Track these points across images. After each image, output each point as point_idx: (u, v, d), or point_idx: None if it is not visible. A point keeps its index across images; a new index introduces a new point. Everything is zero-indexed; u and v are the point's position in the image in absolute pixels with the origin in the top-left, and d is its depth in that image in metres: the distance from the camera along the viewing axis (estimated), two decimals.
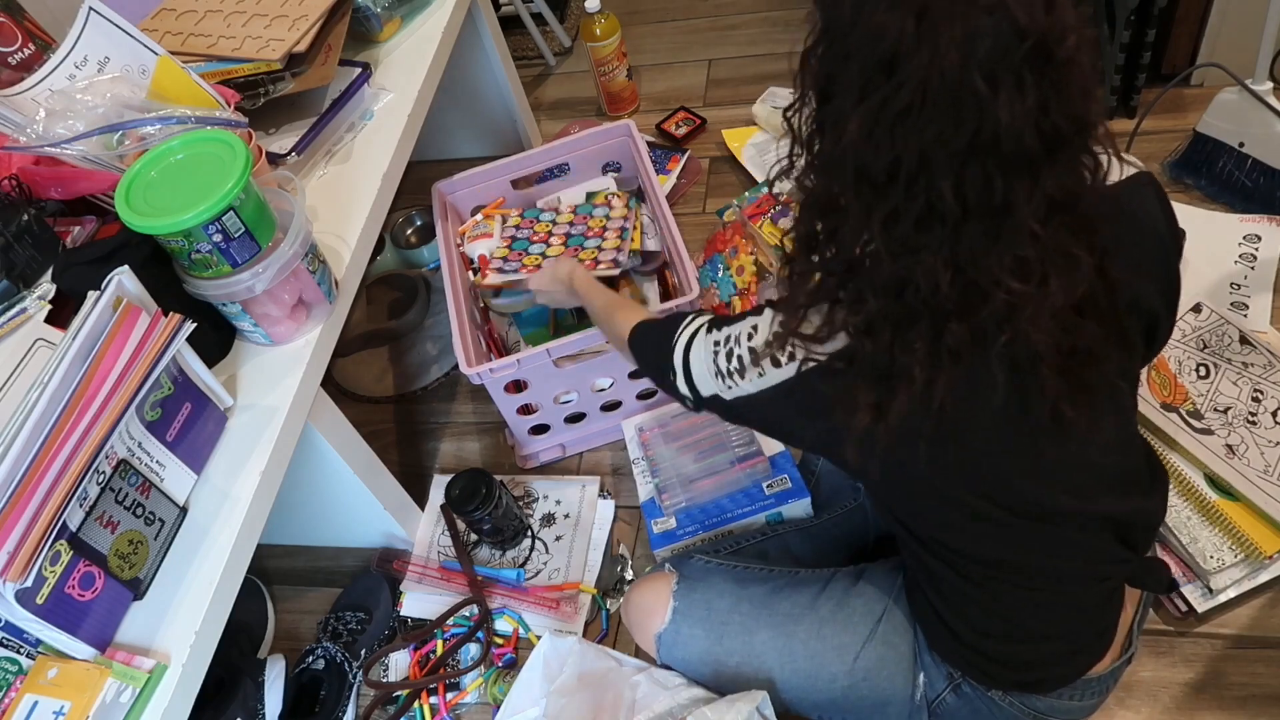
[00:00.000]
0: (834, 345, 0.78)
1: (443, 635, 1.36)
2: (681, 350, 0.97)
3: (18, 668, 0.87)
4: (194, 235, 0.96)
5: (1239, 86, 1.48)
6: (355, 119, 1.37)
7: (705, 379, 0.94)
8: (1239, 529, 1.19)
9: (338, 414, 1.22)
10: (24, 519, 0.80)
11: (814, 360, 0.80)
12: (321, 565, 1.50)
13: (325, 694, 1.32)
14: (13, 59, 1.24)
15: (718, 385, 0.92)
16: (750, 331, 0.88)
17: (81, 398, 0.87)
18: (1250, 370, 1.33)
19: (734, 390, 0.90)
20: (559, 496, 1.48)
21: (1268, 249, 1.50)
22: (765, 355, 0.85)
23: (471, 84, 1.86)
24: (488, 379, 1.34)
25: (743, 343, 0.88)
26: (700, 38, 2.23)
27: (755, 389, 0.88)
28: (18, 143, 1.08)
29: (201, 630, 0.91)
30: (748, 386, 0.88)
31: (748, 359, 0.87)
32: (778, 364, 0.84)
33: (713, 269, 1.62)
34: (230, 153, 0.99)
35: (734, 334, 0.90)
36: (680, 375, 0.97)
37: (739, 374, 0.89)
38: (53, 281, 1.03)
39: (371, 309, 1.81)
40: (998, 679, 0.95)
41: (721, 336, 0.92)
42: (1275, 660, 1.15)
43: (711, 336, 0.93)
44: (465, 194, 1.63)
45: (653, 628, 1.12)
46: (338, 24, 1.36)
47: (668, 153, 1.94)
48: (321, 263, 1.11)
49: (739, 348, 0.89)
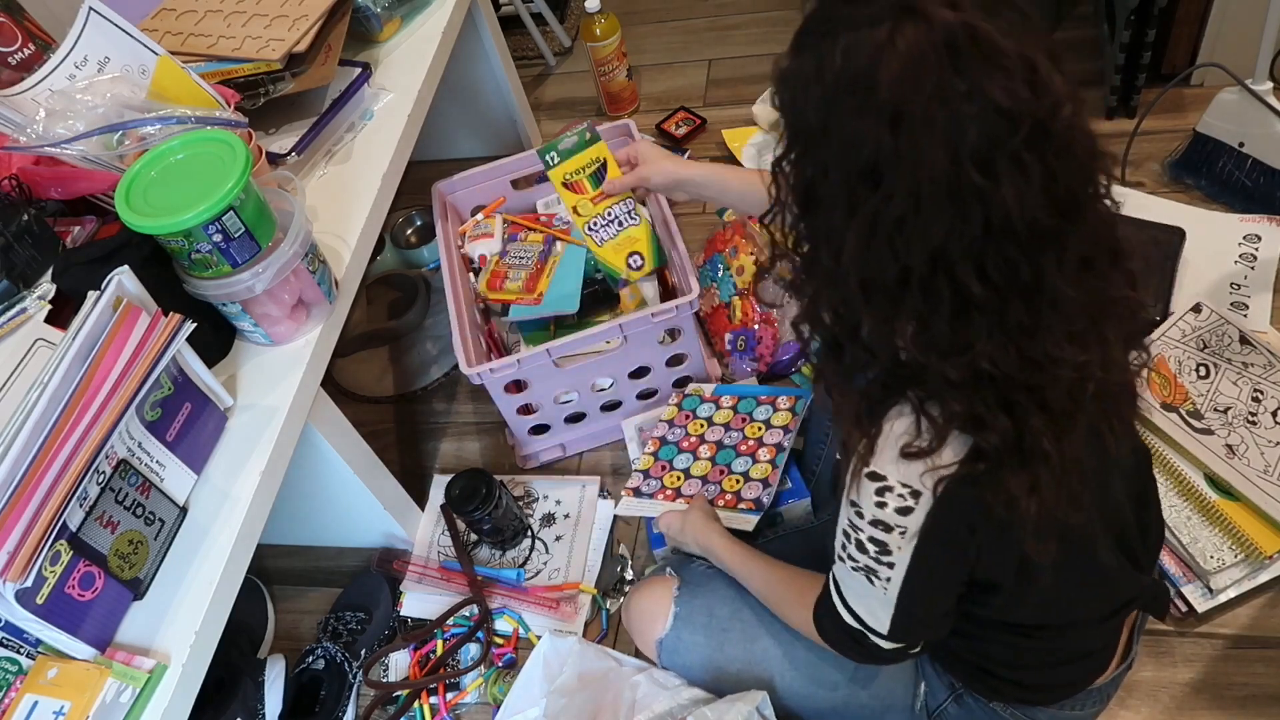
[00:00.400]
0: (952, 451, 0.70)
1: (443, 635, 1.36)
2: (839, 602, 0.85)
3: (18, 668, 0.87)
4: (194, 235, 0.96)
5: (1239, 86, 1.48)
6: (355, 119, 1.37)
7: (870, 606, 0.81)
8: (1239, 529, 1.19)
9: (338, 414, 1.22)
10: (24, 519, 0.80)
11: (942, 475, 0.70)
12: (321, 565, 1.50)
13: (325, 694, 1.32)
14: (13, 59, 1.24)
15: (878, 593, 0.79)
16: (854, 513, 0.76)
17: (81, 398, 0.87)
18: (1250, 370, 1.33)
19: (891, 580, 0.77)
20: (559, 496, 1.48)
21: (1268, 249, 1.50)
22: (889, 509, 0.73)
23: (471, 84, 1.86)
24: (488, 379, 1.34)
25: (862, 524, 0.76)
26: (700, 38, 2.23)
27: (908, 554, 0.75)
28: (18, 143, 1.08)
29: (201, 630, 0.91)
30: (901, 559, 0.76)
31: (877, 529, 0.75)
32: (907, 510, 0.73)
33: (713, 269, 1.62)
34: (230, 153, 0.99)
35: (846, 527, 0.79)
36: (861, 627, 0.84)
37: (883, 552, 0.76)
38: (53, 281, 1.03)
39: (371, 309, 1.81)
40: (1004, 694, 0.95)
41: (839, 546, 0.81)
42: (1275, 660, 1.15)
43: (837, 561, 0.83)
44: (465, 194, 1.63)
45: (654, 633, 1.12)
46: (338, 24, 1.36)
47: None
48: (321, 263, 1.11)
49: (861, 531, 0.77)
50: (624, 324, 1.34)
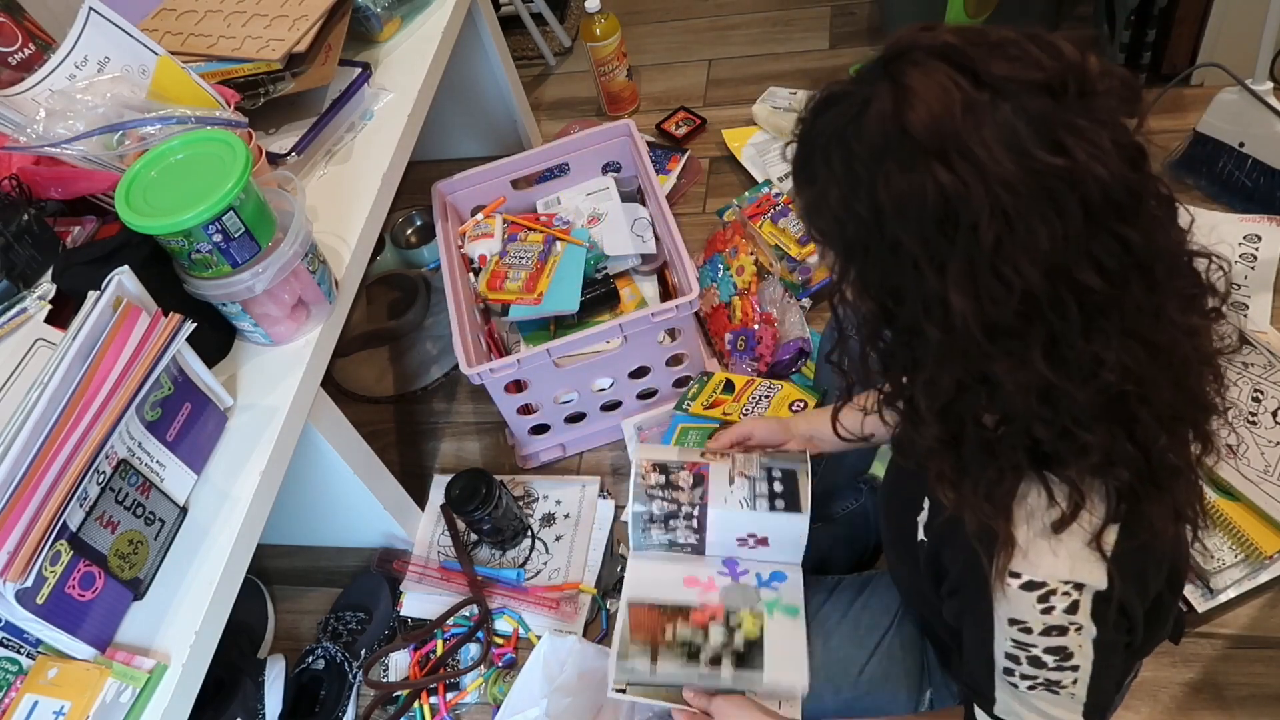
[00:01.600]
0: (1099, 509, 0.65)
1: (443, 635, 1.36)
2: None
3: (18, 668, 0.87)
4: (194, 235, 0.96)
5: (1239, 86, 1.48)
6: (355, 119, 1.37)
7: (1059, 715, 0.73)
8: (1239, 529, 1.19)
9: (338, 414, 1.22)
10: (24, 519, 0.80)
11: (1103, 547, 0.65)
12: (321, 565, 1.50)
13: (325, 694, 1.32)
14: (13, 59, 1.24)
15: (1064, 700, 0.71)
16: (1018, 630, 0.69)
17: (81, 398, 0.87)
18: (1250, 370, 1.33)
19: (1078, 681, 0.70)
20: (559, 496, 1.48)
21: (1268, 249, 1.50)
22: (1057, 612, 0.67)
23: (471, 84, 1.86)
24: (488, 379, 1.34)
25: (1032, 638, 0.69)
26: (700, 38, 2.23)
27: (1090, 648, 0.68)
28: (18, 143, 1.08)
29: (201, 630, 0.91)
30: (1084, 656, 0.69)
31: (1051, 637, 0.68)
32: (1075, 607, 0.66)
33: (713, 269, 1.62)
34: (230, 153, 0.99)
35: (1010, 649, 0.71)
36: None
37: (1064, 658, 0.69)
38: (53, 281, 1.03)
39: (371, 309, 1.81)
40: None
41: (1001, 672, 0.73)
42: (1275, 660, 1.15)
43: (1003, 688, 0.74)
44: (465, 194, 1.63)
45: None
46: (338, 24, 1.36)
47: (668, 153, 1.94)
48: (321, 263, 1.11)
49: (1033, 647, 0.69)
50: (624, 324, 1.34)
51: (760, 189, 1.78)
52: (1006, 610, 0.69)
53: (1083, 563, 0.66)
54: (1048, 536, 0.66)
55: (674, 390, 1.51)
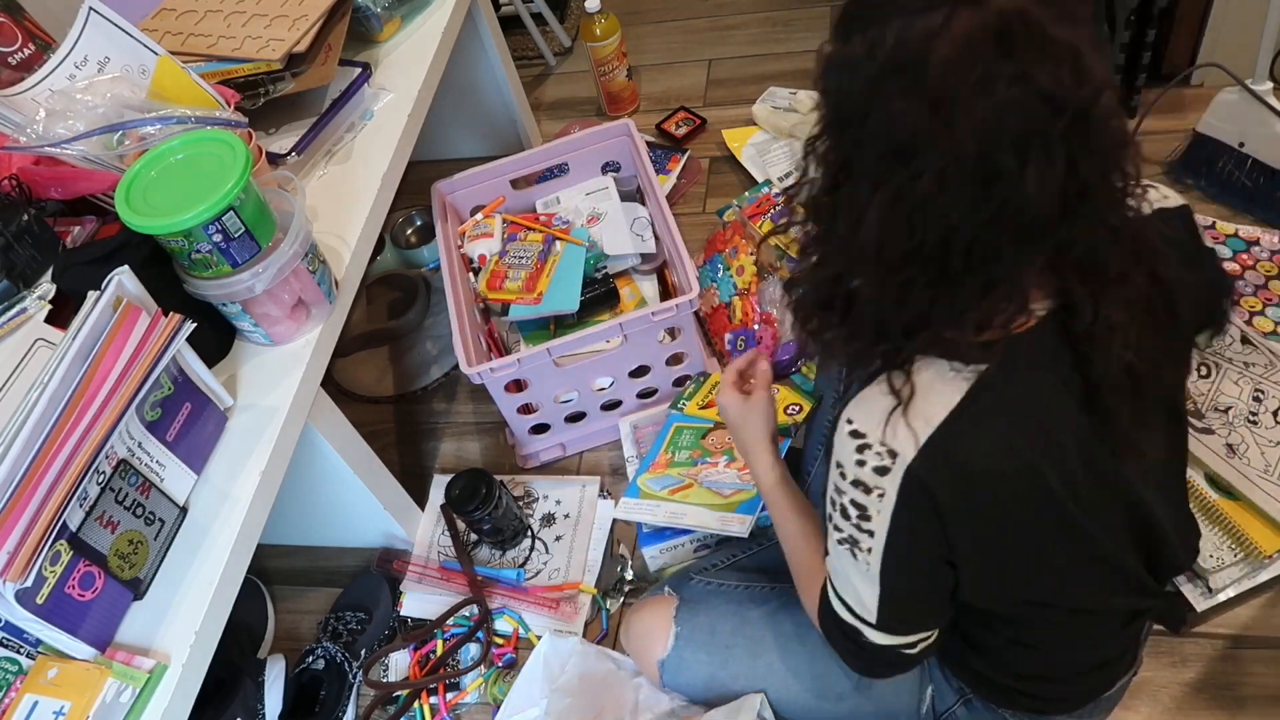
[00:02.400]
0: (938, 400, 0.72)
1: (443, 635, 1.36)
2: (833, 594, 0.84)
3: (18, 668, 0.87)
4: (194, 235, 0.96)
5: (1239, 86, 1.48)
6: (355, 119, 1.37)
7: (857, 588, 0.80)
8: (1239, 528, 1.19)
9: (338, 414, 1.22)
10: (24, 519, 0.80)
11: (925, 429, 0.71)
12: (321, 565, 1.50)
13: (325, 694, 1.32)
14: (13, 59, 1.24)
15: (861, 569, 0.78)
16: (837, 474, 0.76)
17: (81, 398, 0.87)
18: (1251, 370, 1.33)
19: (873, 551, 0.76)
20: (559, 496, 1.48)
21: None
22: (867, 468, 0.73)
23: (471, 84, 1.86)
24: (488, 378, 1.34)
25: (845, 485, 0.76)
26: (700, 38, 2.23)
27: (886, 520, 0.74)
28: (18, 143, 1.08)
29: (201, 630, 0.91)
30: (880, 526, 0.75)
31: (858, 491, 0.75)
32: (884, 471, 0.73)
33: (713, 269, 1.62)
34: (230, 153, 0.99)
35: (832, 491, 0.78)
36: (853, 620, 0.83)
37: (863, 518, 0.75)
38: (53, 281, 1.03)
39: (371, 309, 1.81)
40: (1017, 703, 0.95)
41: (825, 514, 0.81)
42: (1275, 660, 1.15)
43: (829, 535, 0.81)
44: (465, 194, 1.63)
45: (655, 654, 1.11)
46: (338, 24, 1.36)
47: (668, 153, 1.94)
48: (321, 263, 1.11)
49: (844, 493, 0.76)
50: (624, 323, 1.34)
51: (760, 189, 1.78)
52: (836, 450, 0.76)
53: (900, 430, 0.71)
54: (887, 399, 0.72)
55: (674, 390, 1.51)
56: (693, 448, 1.36)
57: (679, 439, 1.38)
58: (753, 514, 1.21)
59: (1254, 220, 1.55)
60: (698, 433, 1.38)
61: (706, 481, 1.30)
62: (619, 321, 1.34)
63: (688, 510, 1.26)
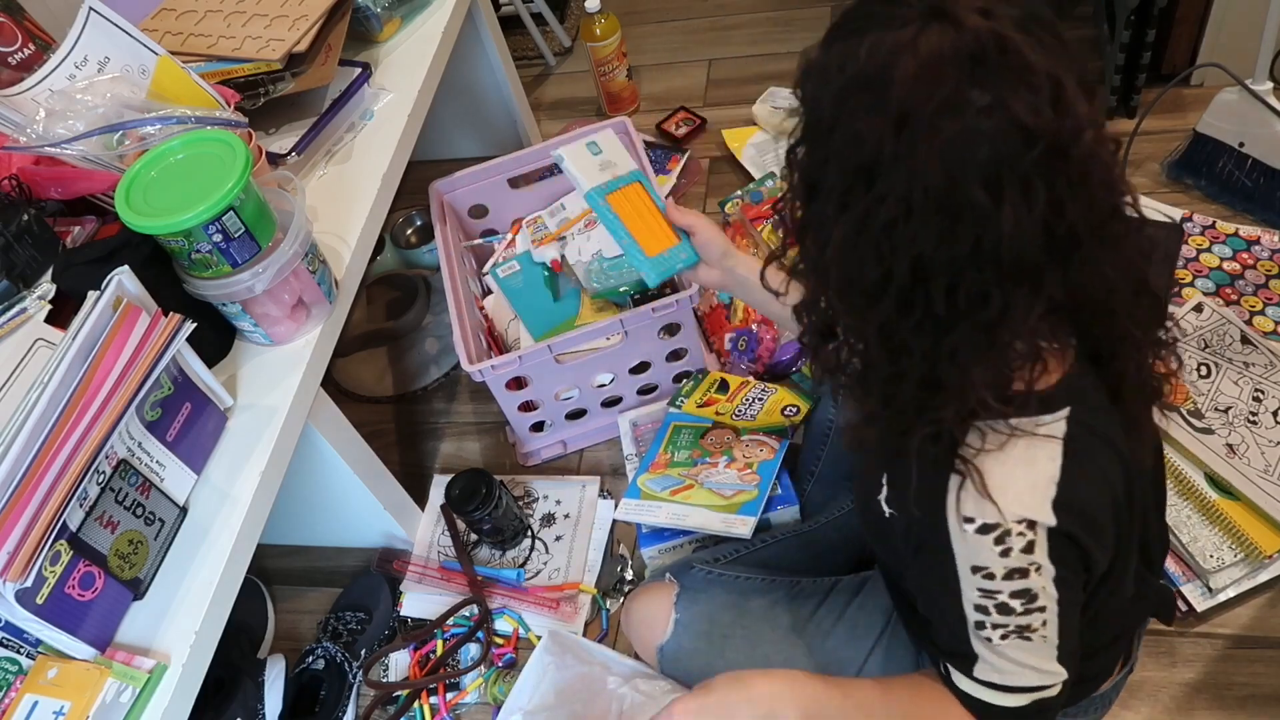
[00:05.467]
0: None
1: (443, 635, 1.36)
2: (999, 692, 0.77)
3: (18, 668, 0.87)
4: (194, 235, 0.96)
5: (1239, 86, 1.48)
6: (355, 119, 1.37)
7: (1036, 661, 0.75)
8: (1239, 528, 1.19)
9: (338, 414, 1.22)
10: (24, 519, 0.80)
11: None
12: (321, 565, 1.50)
13: (325, 694, 1.32)
14: (13, 59, 1.24)
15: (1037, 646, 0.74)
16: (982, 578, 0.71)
17: (81, 398, 0.87)
18: (1251, 370, 1.33)
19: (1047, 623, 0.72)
20: (559, 496, 1.48)
21: None
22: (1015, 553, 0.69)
23: (471, 84, 1.86)
24: (489, 375, 1.34)
25: (995, 584, 0.71)
26: (700, 38, 2.23)
27: (1053, 587, 0.71)
28: (18, 143, 1.08)
29: (201, 630, 0.91)
30: (1049, 597, 0.71)
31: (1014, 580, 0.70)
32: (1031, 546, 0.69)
33: None
34: (230, 153, 0.99)
35: (977, 600, 0.73)
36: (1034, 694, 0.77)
37: (1030, 600, 0.71)
38: (53, 281, 1.03)
39: (371, 309, 1.81)
40: None
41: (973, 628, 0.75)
42: (1275, 660, 1.15)
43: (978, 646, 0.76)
44: (463, 193, 1.63)
45: (654, 640, 1.11)
46: (338, 24, 1.36)
47: (668, 153, 1.94)
48: (321, 263, 1.11)
49: (999, 594, 0.71)
50: (624, 319, 1.34)
51: (764, 182, 1.78)
52: (967, 558, 0.71)
53: (1029, 501, 0.68)
54: (990, 480, 0.68)
55: (675, 386, 1.51)
56: (692, 447, 1.36)
57: (678, 438, 1.38)
58: (755, 515, 1.21)
59: (1254, 220, 1.55)
60: (696, 432, 1.38)
61: (708, 482, 1.30)
62: (620, 317, 1.34)
63: (690, 512, 1.26)
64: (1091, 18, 1.92)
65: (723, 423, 1.38)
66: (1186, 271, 1.48)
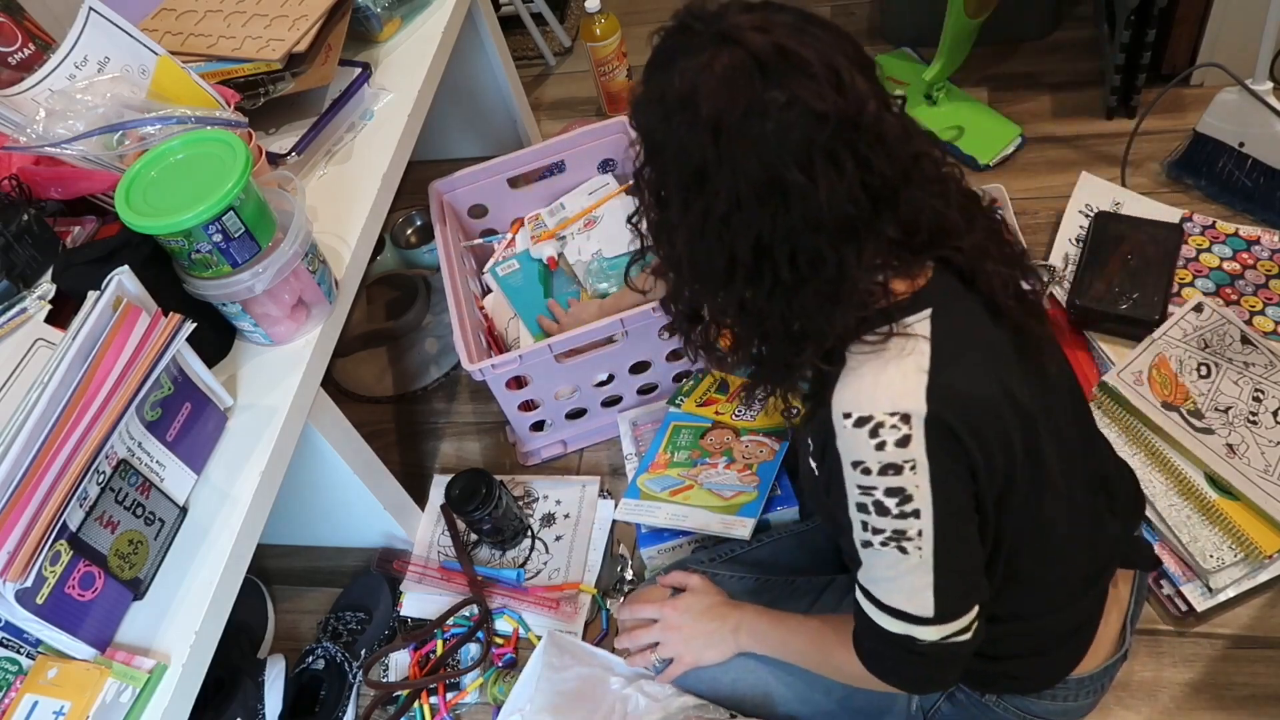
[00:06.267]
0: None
1: (443, 635, 1.36)
2: (875, 608, 0.82)
3: (18, 668, 0.87)
4: (194, 235, 0.96)
5: (1239, 86, 1.48)
6: (355, 119, 1.37)
7: (908, 587, 0.79)
8: (1239, 528, 1.19)
9: (338, 414, 1.22)
10: (24, 519, 0.80)
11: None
12: (321, 565, 1.50)
13: (325, 694, 1.32)
14: (13, 59, 1.24)
15: (913, 563, 0.77)
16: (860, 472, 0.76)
17: (81, 398, 0.87)
18: (1251, 370, 1.33)
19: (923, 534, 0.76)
20: (559, 496, 1.48)
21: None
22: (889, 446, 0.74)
23: (471, 84, 1.86)
24: (489, 375, 1.34)
25: (872, 479, 0.76)
26: None
27: (928, 490, 0.75)
28: (18, 143, 1.08)
29: (201, 630, 0.91)
30: (923, 499, 0.75)
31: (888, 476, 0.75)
32: (906, 440, 0.73)
33: None
34: (230, 153, 0.99)
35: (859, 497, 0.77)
36: (905, 624, 0.81)
37: (904, 501, 0.75)
38: (53, 281, 1.03)
39: (371, 309, 1.81)
40: (995, 686, 0.95)
41: (859, 526, 0.79)
42: (1275, 660, 1.15)
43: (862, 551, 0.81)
44: (463, 193, 1.63)
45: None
46: (338, 24, 1.36)
47: None
48: (321, 263, 1.11)
49: (875, 489, 0.76)
50: (624, 319, 1.34)
51: None
52: (847, 453, 0.76)
53: (901, 389, 0.74)
54: (867, 377, 0.76)
55: (675, 386, 1.51)
56: (691, 448, 1.36)
57: (677, 438, 1.39)
58: (754, 516, 1.21)
59: (1254, 220, 1.55)
60: (696, 432, 1.38)
61: (707, 483, 1.30)
62: (619, 317, 1.34)
63: (690, 513, 1.26)
64: (1091, 18, 1.92)
65: (723, 423, 1.38)
66: (1186, 271, 1.48)
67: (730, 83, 0.68)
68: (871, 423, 0.74)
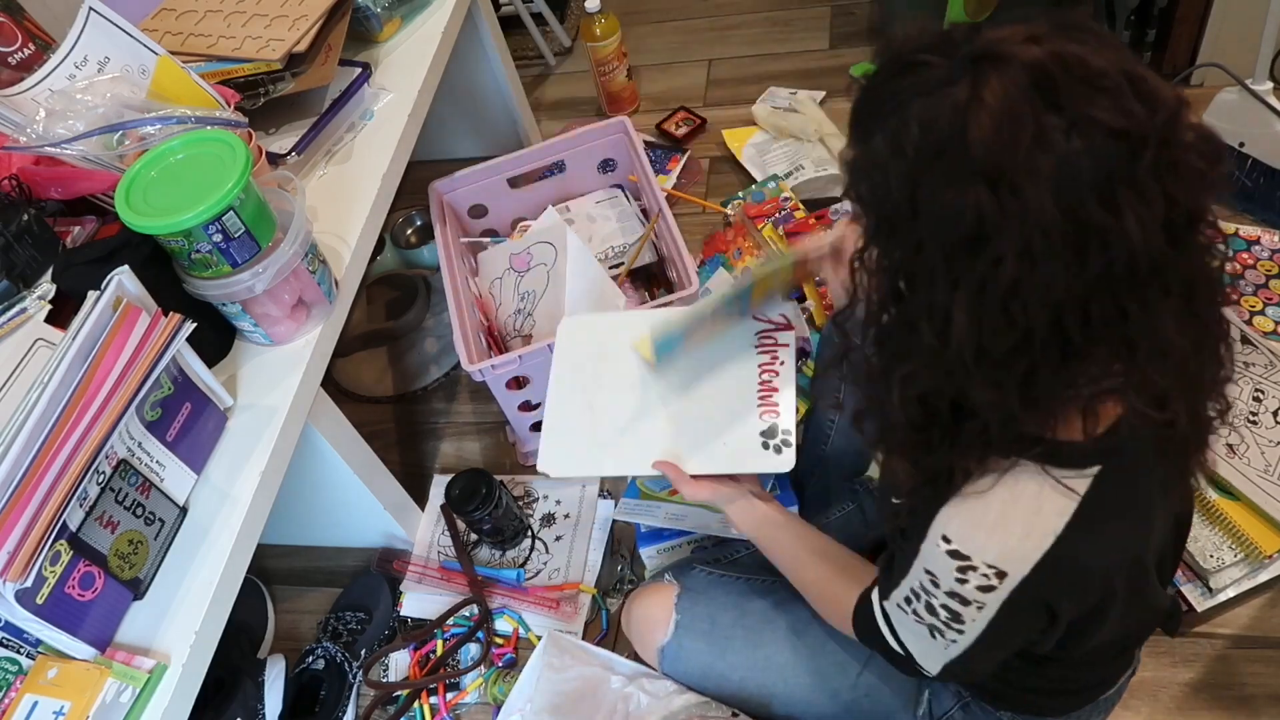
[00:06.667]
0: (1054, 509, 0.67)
1: (443, 635, 1.36)
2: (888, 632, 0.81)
3: (18, 668, 0.87)
4: (194, 235, 0.96)
5: (1239, 86, 1.48)
6: (355, 119, 1.37)
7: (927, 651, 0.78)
8: (1239, 528, 1.19)
9: (338, 414, 1.22)
10: (24, 519, 0.80)
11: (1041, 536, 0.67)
12: (321, 565, 1.50)
13: (325, 694, 1.32)
14: (13, 59, 1.24)
15: (939, 647, 0.76)
16: (928, 580, 0.72)
17: (81, 398, 0.87)
18: (1251, 370, 1.33)
19: (958, 643, 0.74)
20: (559, 496, 1.48)
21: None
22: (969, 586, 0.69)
23: (471, 84, 1.86)
24: (489, 375, 1.34)
25: (937, 592, 0.71)
26: (700, 38, 2.23)
27: (983, 624, 0.71)
28: (18, 143, 1.08)
29: (201, 630, 0.91)
30: (974, 629, 0.72)
31: (953, 601, 0.71)
32: (989, 589, 0.68)
33: (713, 269, 1.62)
34: (230, 153, 0.99)
35: (916, 587, 0.74)
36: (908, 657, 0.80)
37: (954, 620, 0.72)
38: (53, 281, 1.03)
39: (371, 309, 1.81)
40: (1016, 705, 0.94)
41: (902, 599, 0.76)
42: (1275, 660, 1.15)
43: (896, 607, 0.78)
44: (463, 193, 1.63)
45: (655, 640, 1.11)
46: (338, 24, 1.36)
47: (668, 153, 1.94)
48: (321, 263, 1.11)
49: (934, 597, 0.72)
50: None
51: (766, 183, 1.78)
52: (927, 559, 0.71)
53: (1014, 549, 0.67)
54: (991, 515, 0.67)
55: None
56: None
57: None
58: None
59: (1254, 220, 1.55)
60: None
61: None
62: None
63: (689, 512, 1.26)
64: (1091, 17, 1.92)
65: None
66: None
67: (1010, 113, 0.54)
68: (966, 563, 0.68)
